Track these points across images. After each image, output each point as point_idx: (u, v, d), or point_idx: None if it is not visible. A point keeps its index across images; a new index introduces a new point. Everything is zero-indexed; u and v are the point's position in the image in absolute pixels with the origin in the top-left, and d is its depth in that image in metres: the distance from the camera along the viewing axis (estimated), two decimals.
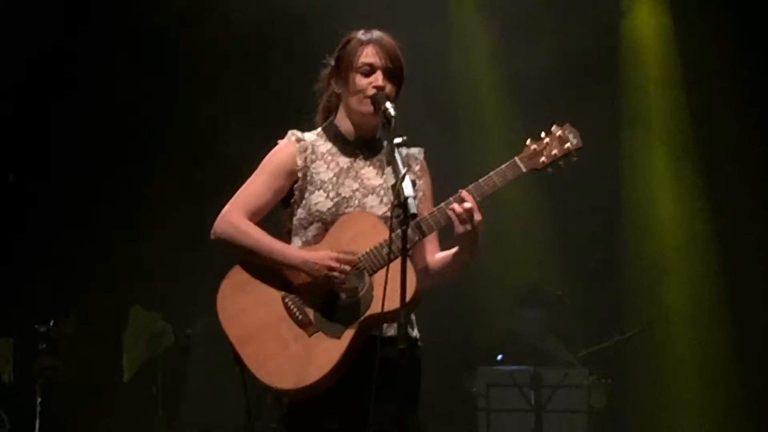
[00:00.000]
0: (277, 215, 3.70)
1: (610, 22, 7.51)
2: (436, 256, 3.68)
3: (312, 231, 3.60)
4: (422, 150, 3.76)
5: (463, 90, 7.60)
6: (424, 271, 3.62)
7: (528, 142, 3.61)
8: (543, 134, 3.63)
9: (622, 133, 7.61)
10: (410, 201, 3.24)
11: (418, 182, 3.67)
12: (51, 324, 6.47)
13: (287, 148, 3.66)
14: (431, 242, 3.67)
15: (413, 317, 3.61)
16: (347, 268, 3.46)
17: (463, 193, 3.50)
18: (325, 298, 3.51)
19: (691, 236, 7.50)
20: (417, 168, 3.71)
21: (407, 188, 3.26)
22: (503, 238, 7.28)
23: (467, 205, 3.47)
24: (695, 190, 7.49)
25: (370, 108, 3.57)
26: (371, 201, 3.60)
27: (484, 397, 6.36)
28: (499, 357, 6.87)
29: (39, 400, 6.37)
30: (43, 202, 7.24)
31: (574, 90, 7.01)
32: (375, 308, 3.42)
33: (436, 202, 3.63)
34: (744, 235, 7.27)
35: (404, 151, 3.59)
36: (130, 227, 7.25)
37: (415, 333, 3.62)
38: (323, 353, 3.43)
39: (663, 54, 7.54)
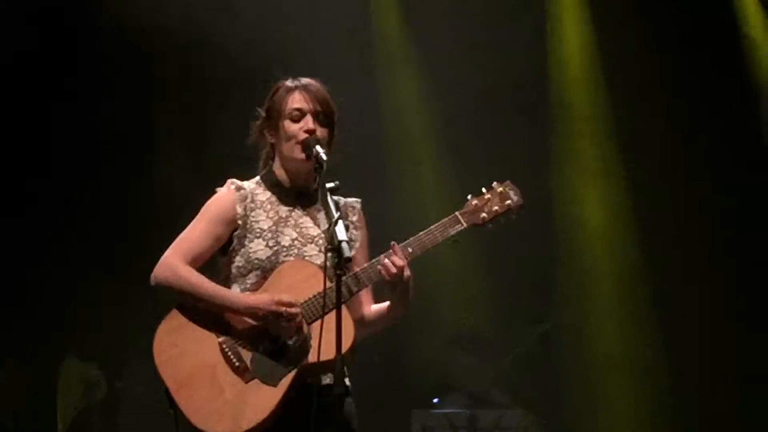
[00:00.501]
0: (215, 263, 3.71)
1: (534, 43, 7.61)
2: (372, 307, 3.73)
3: (251, 279, 3.62)
4: (359, 200, 3.80)
5: (394, 137, 7.65)
6: (360, 322, 3.65)
7: (469, 197, 3.70)
8: (484, 190, 3.71)
9: (551, 165, 7.68)
10: (344, 245, 3.27)
11: (355, 232, 3.71)
12: None
13: (227, 196, 3.69)
14: (366, 294, 3.72)
15: (345, 368, 3.60)
16: (292, 310, 3.48)
17: (396, 247, 3.55)
18: (262, 345, 3.52)
19: (617, 243, 7.58)
20: (355, 218, 3.75)
21: (341, 232, 3.30)
22: (434, 280, 7.31)
23: (399, 262, 3.52)
24: (622, 201, 7.58)
25: (302, 154, 3.61)
26: (310, 250, 3.63)
27: None
28: (435, 400, 6.89)
29: None
30: None
31: (504, 118, 7.11)
32: (312, 357, 3.44)
33: (373, 253, 3.68)
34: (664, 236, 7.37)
35: (342, 200, 3.66)
36: (64, 270, 7.15)
37: (347, 381, 3.62)
38: (259, 400, 3.44)
39: (587, 65, 7.66)
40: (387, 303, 3.68)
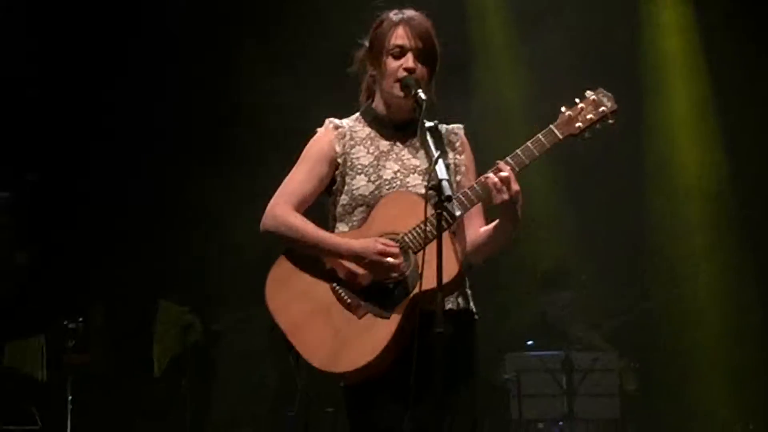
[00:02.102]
0: (323, 203, 3.70)
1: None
2: (481, 229, 3.67)
3: (357, 215, 3.60)
4: (462, 126, 3.75)
5: (483, 63, 7.59)
6: (472, 245, 3.61)
7: (563, 109, 3.61)
8: (577, 100, 3.62)
9: (644, 109, 7.57)
10: (444, 183, 3.22)
11: (459, 157, 3.67)
12: (79, 320, 6.48)
13: (326, 136, 3.67)
14: (477, 216, 3.66)
15: (468, 291, 3.60)
16: (393, 260, 3.46)
17: (501, 164, 3.50)
18: (372, 281, 3.50)
19: (717, 211, 7.47)
20: (458, 144, 3.70)
21: (441, 171, 3.25)
22: (527, 223, 7.24)
23: (503, 174, 3.46)
24: (719, 157, 7.46)
25: (401, 92, 3.57)
26: (413, 180, 3.59)
27: (515, 384, 6.35)
28: (529, 343, 6.86)
29: (69, 397, 6.37)
30: (70, 199, 7.23)
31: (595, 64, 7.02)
32: (418, 287, 3.40)
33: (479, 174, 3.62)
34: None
35: (443, 128, 3.60)
36: (158, 221, 7.24)
37: (471, 306, 3.62)
38: (374, 334, 3.43)
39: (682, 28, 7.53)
40: (495, 222, 3.61)
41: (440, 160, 3.28)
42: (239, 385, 7.22)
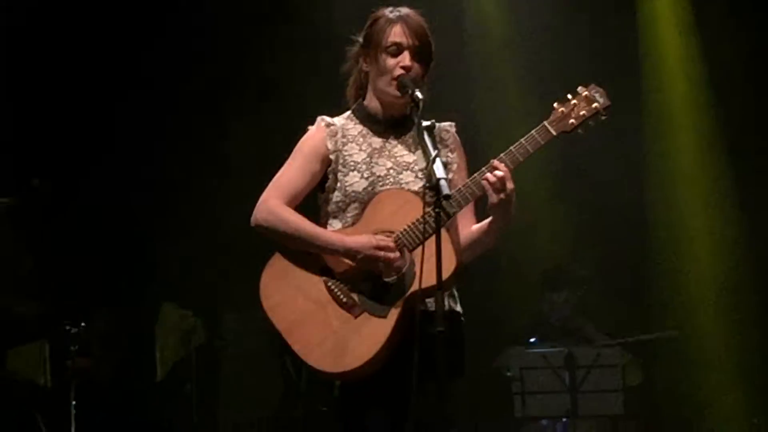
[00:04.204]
0: (315, 200, 3.71)
1: None
2: (473, 227, 3.68)
3: (351, 212, 3.61)
4: (453, 124, 3.76)
5: (477, 58, 7.58)
6: (463, 241, 3.62)
7: (555, 105, 3.62)
8: (569, 96, 3.63)
9: (642, 109, 7.57)
10: (442, 183, 3.23)
11: (451, 155, 3.68)
12: (82, 324, 6.49)
13: (317, 133, 3.67)
14: (469, 214, 3.68)
15: (456, 293, 3.61)
16: (391, 255, 3.46)
17: (495, 162, 3.51)
18: (367, 279, 3.51)
19: (717, 210, 7.46)
20: (449, 141, 3.71)
21: (439, 170, 3.26)
22: (527, 220, 7.25)
23: (499, 173, 3.48)
24: (720, 160, 7.44)
25: (397, 91, 3.58)
26: (406, 177, 3.61)
27: (518, 380, 6.35)
28: (532, 340, 6.86)
29: (73, 402, 6.38)
30: (73, 203, 7.23)
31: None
32: (416, 285, 3.41)
33: (470, 173, 3.64)
34: None
35: (435, 126, 3.59)
36: (160, 224, 7.25)
37: (459, 308, 3.63)
38: (371, 333, 3.43)
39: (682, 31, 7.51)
40: (488, 220, 3.63)
41: (438, 159, 3.29)
42: (244, 389, 7.22)
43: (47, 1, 7.20)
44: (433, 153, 3.30)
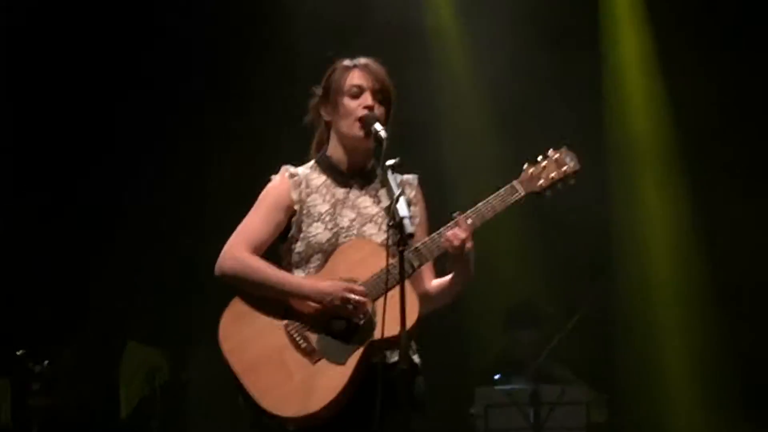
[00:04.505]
0: (276, 251, 3.71)
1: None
2: (433, 282, 3.72)
3: (314, 263, 3.62)
4: (416, 176, 3.78)
5: (444, 106, 7.61)
6: (422, 297, 3.62)
7: (525, 165, 3.67)
8: (540, 158, 3.68)
9: (605, 137, 7.61)
10: (405, 221, 3.26)
11: (414, 209, 3.69)
12: (45, 363, 6.43)
13: (281, 184, 3.68)
14: (427, 268, 3.70)
15: (413, 344, 3.61)
16: (361, 298, 3.47)
17: (459, 219, 3.53)
18: (327, 326, 3.52)
19: (680, 245, 7.49)
20: (412, 194, 3.73)
21: (402, 209, 3.29)
22: (491, 257, 7.26)
23: (461, 234, 3.50)
24: (682, 193, 7.48)
25: (361, 132, 3.59)
26: (370, 229, 3.63)
27: (483, 419, 6.34)
28: (497, 377, 6.85)
29: None
30: (36, 236, 7.18)
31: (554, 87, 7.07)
32: (378, 334, 3.43)
33: (432, 227, 3.66)
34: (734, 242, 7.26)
35: (398, 177, 3.61)
36: (126, 261, 7.21)
37: (417, 359, 3.63)
38: (328, 380, 3.44)
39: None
40: (448, 277, 3.65)
41: (402, 198, 3.31)
42: (210, 427, 7.18)
43: (47, 2, 7.19)
44: (397, 192, 3.32)
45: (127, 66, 7.22)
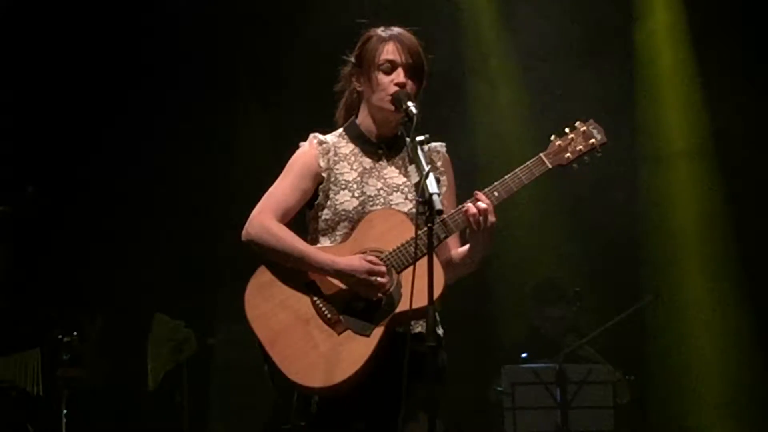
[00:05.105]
0: (303, 217, 3.71)
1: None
2: (455, 251, 3.71)
3: (340, 231, 3.61)
4: (444, 144, 3.77)
5: (473, 75, 7.59)
6: (446, 265, 3.62)
7: (552, 138, 3.66)
8: (567, 130, 3.67)
9: (636, 114, 7.56)
10: (435, 198, 3.25)
11: (442, 178, 3.68)
12: (74, 334, 6.49)
13: (310, 151, 3.68)
14: (453, 237, 3.69)
15: (438, 316, 3.62)
16: (382, 280, 3.46)
17: (479, 194, 3.53)
18: (352, 297, 3.52)
19: (708, 224, 7.45)
20: (439, 163, 3.72)
21: (431, 185, 3.28)
22: (518, 235, 7.25)
23: (482, 206, 3.49)
24: (712, 174, 7.44)
25: (392, 106, 3.58)
26: (396, 198, 3.62)
27: (509, 396, 6.34)
28: (524, 355, 6.85)
29: (64, 411, 6.37)
30: (64, 212, 7.23)
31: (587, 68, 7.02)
32: (403, 306, 3.42)
33: (459, 195, 3.66)
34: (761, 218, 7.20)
35: (426, 146, 3.59)
36: (153, 233, 7.24)
37: (440, 331, 3.65)
38: (353, 351, 3.44)
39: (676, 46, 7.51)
40: (467, 247, 3.65)
41: (431, 175, 3.30)
42: (235, 400, 7.22)
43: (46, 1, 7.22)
44: (426, 168, 3.31)
45: (130, 52, 7.24)
